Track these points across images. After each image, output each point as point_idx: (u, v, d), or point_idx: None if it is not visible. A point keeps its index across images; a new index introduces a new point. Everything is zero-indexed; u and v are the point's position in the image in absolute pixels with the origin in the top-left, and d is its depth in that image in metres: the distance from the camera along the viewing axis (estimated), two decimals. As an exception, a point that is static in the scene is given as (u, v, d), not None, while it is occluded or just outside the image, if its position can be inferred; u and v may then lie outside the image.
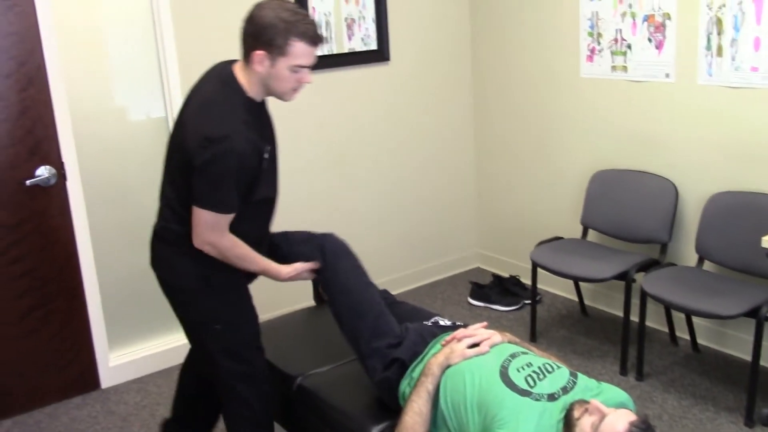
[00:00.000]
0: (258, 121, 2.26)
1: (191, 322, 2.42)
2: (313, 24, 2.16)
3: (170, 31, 3.40)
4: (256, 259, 2.33)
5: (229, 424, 2.48)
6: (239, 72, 2.21)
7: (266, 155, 2.25)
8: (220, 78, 2.24)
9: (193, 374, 2.75)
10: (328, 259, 2.46)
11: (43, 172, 3.17)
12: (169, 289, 2.40)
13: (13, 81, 3.05)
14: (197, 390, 2.71)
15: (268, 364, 2.66)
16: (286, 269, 2.40)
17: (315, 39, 2.15)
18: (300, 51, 2.12)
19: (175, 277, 2.36)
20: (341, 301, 2.42)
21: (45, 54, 3.09)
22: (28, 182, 3.14)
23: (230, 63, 2.27)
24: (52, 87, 3.13)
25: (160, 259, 2.39)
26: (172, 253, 2.33)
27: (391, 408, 2.22)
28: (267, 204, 2.39)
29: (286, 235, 2.57)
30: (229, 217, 2.20)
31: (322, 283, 2.50)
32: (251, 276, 2.43)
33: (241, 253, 2.28)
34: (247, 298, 2.43)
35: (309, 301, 3.26)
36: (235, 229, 2.24)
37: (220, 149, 2.08)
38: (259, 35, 2.11)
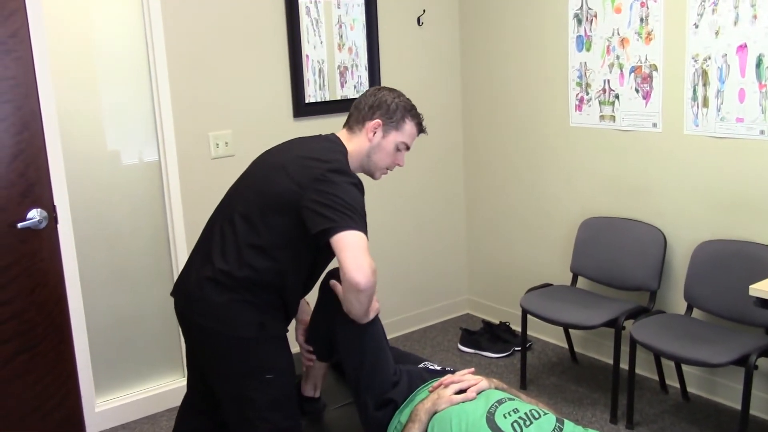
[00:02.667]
0: None
1: (240, 376, 2.22)
2: (422, 117, 2.37)
3: (165, 75, 3.45)
4: None
5: None
6: (346, 141, 2.31)
7: None
8: (325, 137, 2.34)
9: None
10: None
11: (35, 215, 3.16)
12: (219, 340, 2.21)
13: (9, 125, 3.08)
14: None
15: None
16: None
17: (423, 128, 2.37)
18: (410, 131, 2.32)
19: (231, 327, 2.18)
20: (346, 330, 2.34)
21: (40, 99, 3.12)
22: (19, 225, 3.13)
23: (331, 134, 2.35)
24: (46, 131, 3.15)
25: (215, 307, 2.18)
26: (232, 301, 2.17)
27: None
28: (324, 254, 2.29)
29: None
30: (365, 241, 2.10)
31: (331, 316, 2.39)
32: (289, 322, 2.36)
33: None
34: (288, 350, 2.31)
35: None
36: (309, 275, 2.23)
37: (351, 178, 2.12)
38: (379, 107, 2.29)
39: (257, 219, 2.16)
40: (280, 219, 2.13)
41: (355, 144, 2.29)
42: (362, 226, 2.06)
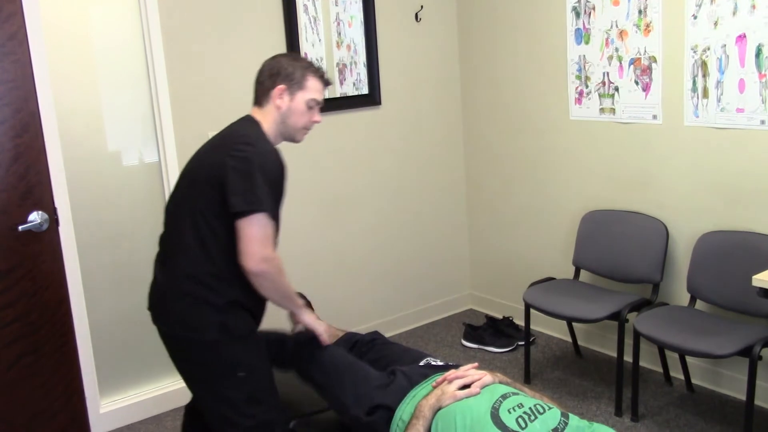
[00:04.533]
0: None
1: (213, 378, 2.27)
2: (321, 67, 2.43)
3: (163, 76, 3.44)
4: (292, 288, 2.32)
5: None
6: (261, 118, 2.35)
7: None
8: (243, 119, 2.37)
9: None
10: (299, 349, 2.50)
11: (36, 217, 3.16)
12: (183, 345, 2.28)
13: (8, 127, 3.07)
14: None
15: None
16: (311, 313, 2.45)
17: (325, 77, 2.41)
18: (315, 86, 2.36)
19: (192, 331, 2.23)
20: (316, 374, 2.43)
21: (39, 101, 3.12)
22: (20, 228, 3.13)
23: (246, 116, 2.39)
24: (46, 133, 3.15)
25: (172, 314, 2.26)
26: (187, 306, 2.23)
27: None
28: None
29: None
30: (273, 227, 2.16)
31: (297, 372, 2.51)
32: (259, 320, 2.38)
33: (284, 273, 2.23)
34: (260, 340, 2.37)
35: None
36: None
37: (257, 149, 2.18)
38: (279, 73, 2.33)
39: (201, 210, 2.21)
40: (216, 199, 2.16)
41: (268, 115, 2.34)
42: (257, 201, 2.10)
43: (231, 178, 2.12)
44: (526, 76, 4.10)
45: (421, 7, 4.28)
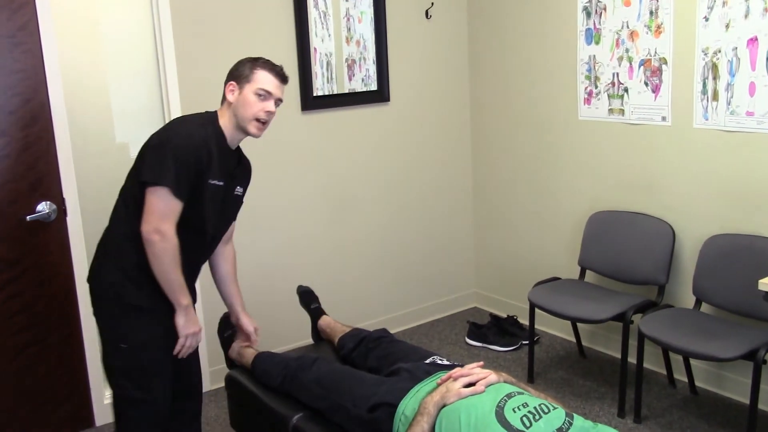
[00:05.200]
0: (220, 152, 2.40)
1: (104, 342, 2.47)
2: (279, 66, 2.44)
3: (173, 68, 3.45)
4: (181, 281, 2.37)
5: None
6: (220, 111, 2.47)
7: (216, 182, 2.39)
8: (203, 113, 2.49)
9: None
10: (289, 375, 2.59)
11: (44, 207, 3.18)
12: (93, 304, 2.48)
13: (18, 117, 3.09)
14: None
15: (262, 404, 2.65)
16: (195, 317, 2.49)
17: (277, 70, 2.42)
18: (263, 78, 2.39)
19: (97, 285, 2.44)
20: (313, 387, 2.48)
21: (49, 91, 3.13)
22: (28, 218, 3.15)
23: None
24: (55, 124, 3.16)
25: (91, 268, 2.49)
26: (100, 259, 2.45)
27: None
28: (198, 235, 2.45)
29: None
30: (177, 205, 2.29)
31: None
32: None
33: (177, 258, 2.33)
34: (162, 324, 2.43)
35: (306, 339, 3.26)
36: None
37: (172, 131, 2.34)
38: (230, 75, 2.44)
39: (131, 176, 2.42)
40: (138, 171, 2.35)
41: (225, 112, 2.44)
42: (161, 175, 2.26)
43: (147, 152, 2.33)
44: (536, 75, 4.09)
45: (432, 4, 4.27)
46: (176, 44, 3.44)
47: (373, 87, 4.13)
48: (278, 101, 2.42)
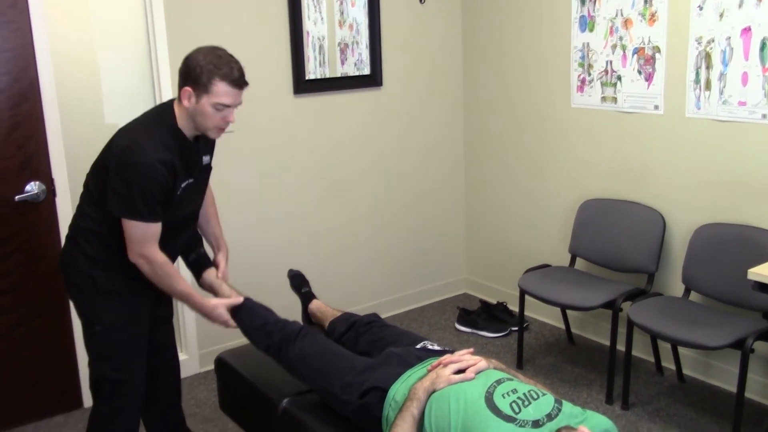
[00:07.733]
0: (183, 151, 2.37)
1: (82, 323, 2.51)
2: (238, 69, 2.31)
3: (164, 48, 3.41)
4: (182, 283, 2.44)
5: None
6: (177, 105, 2.38)
7: (187, 182, 2.39)
8: (160, 106, 2.45)
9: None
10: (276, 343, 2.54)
11: (33, 187, 3.16)
12: (67, 289, 2.52)
13: (6, 97, 3.06)
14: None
15: (252, 387, 2.65)
16: (213, 301, 2.52)
17: (237, 82, 2.29)
18: (222, 90, 2.27)
19: (68, 275, 2.47)
20: (299, 367, 2.46)
21: (39, 71, 3.10)
22: (17, 197, 3.13)
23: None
24: (44, 104, 3.14)
25: (61, 255, 2.52)
26: (71, 249, 2.45)
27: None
28: (182, 220, 2.49)
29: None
30: (155, 227, 2.31)
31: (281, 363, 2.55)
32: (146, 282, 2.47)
33: (172, 272, 2.40)
34: (134, 305, 2.47)
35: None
36: None
37: (132, 167, 2.25)
38: (188, 74, 2.29)
39: (92, 179, 2.45)
40: (103, 179, 2.34)
41: (181, 109, 2.36)
42: (137, 212, 2.27)
43: (111, 180, 2.29)
44: (529, 61, 4.08)
45: (426, -12, 4.25)
46: (167, 23, 3.40)
47: (366, 71, 4.10)
48: (238, 105, 2.35)
